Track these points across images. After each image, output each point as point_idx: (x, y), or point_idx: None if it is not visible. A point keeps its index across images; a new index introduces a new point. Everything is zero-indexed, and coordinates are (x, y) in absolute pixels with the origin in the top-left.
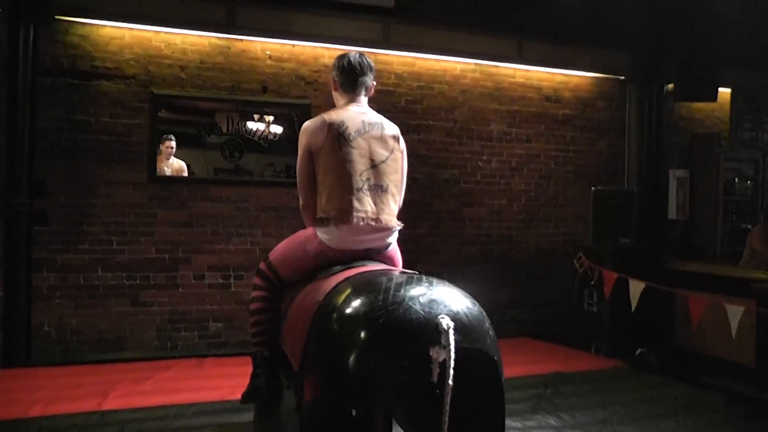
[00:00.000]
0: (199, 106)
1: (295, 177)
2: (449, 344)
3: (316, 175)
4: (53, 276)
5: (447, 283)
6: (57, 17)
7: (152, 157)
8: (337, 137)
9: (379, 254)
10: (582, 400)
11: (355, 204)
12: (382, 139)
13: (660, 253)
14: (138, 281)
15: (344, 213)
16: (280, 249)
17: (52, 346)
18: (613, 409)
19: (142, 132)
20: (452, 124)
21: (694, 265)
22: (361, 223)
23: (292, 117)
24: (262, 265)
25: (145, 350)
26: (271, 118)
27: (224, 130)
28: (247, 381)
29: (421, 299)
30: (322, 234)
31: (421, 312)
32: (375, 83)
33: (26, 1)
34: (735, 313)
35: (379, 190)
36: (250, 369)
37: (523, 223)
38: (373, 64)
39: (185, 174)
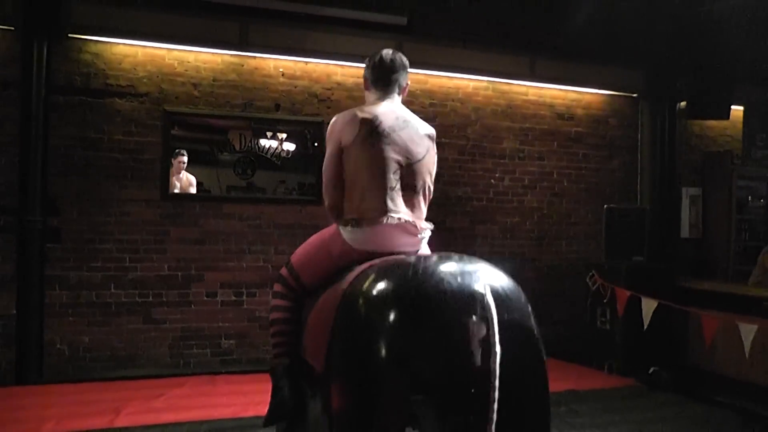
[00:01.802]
0: (212, 124)
1: (308, 194)
2: (490, 310)
3: (345, 173)
4: (66, 293)
5: (482, 261)
6: (70, 35)
7: (165, 174)
8: (370, 133)
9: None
10: (595, 419)
11: (389, 204)
12: (417, 137)
13: (673, 272)
14: (150, 298)
15: (378, 213)
16: (302, 251)
17: (64, 363)
18: (626, 428)
19: (155, 149)
20: (465, 142)
21: (706, 284)
22: (395, 224)
23: (304, 134)
24: (283, 271)
25: (157, 367)
26: (284, 135)
27: (237, 147)
28: (260, 398)
29: (454, 271)
30: (347, 234)
31: (455, 283)
32: (409, 83)
33: (39, 19)
34: (748, 332)
35: (411, 190)
36: (262, 386)
37: (536, 240)
38: (407, 62)
39: (194, 187)
